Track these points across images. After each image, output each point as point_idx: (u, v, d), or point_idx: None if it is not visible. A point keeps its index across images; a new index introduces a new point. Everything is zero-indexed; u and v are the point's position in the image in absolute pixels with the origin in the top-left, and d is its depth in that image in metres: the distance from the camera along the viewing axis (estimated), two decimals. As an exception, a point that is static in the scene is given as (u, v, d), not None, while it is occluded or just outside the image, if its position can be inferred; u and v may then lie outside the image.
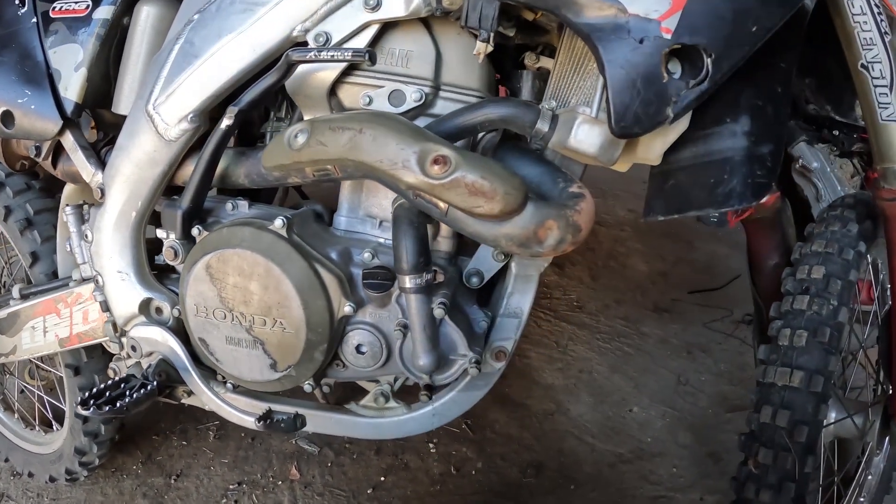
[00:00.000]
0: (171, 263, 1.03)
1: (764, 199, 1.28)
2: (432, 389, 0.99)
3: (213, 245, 0.92)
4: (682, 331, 2.05)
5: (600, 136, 0.77)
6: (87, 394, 0.98)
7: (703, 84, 0.74)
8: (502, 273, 0.99)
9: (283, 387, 0.99)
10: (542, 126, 0.81)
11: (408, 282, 0.83)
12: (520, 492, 1.50)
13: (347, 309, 0.91)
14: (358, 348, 0.94)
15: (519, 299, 0.97)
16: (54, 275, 1.23)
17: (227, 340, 0.96)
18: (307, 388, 1.00)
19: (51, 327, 1.20)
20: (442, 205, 0.75)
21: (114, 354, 1.16)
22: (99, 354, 1.26)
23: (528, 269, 0.97)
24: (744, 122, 0.81)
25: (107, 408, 0.97)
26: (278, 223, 0.89)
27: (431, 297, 0.86)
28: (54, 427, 1.42)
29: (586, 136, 0.77)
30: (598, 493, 1.51)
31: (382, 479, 1.49)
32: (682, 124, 0.81)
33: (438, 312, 0.86)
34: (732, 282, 2.27)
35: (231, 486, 1.45)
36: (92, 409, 0.97)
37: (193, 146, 0.98)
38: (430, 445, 1.58)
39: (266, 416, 0.95)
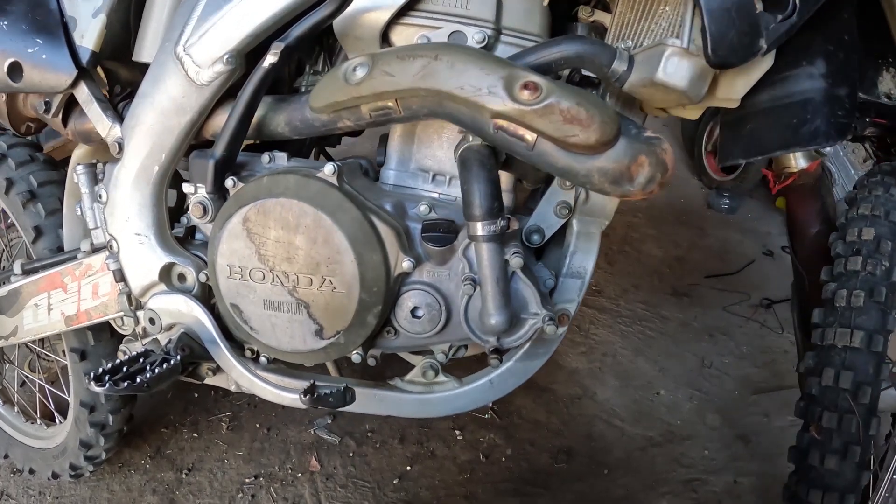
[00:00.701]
0: (197, 222, 0.93)
1: (807, 165, 1.29)
2: (500, 354, 0.91)
3: (251, 196, 0.83)
4: (702, 314, 2.02)
5: (691, 68, 0.72)
6: (101, 369, 0.87)
7: (793, 17, 0.71)
8: (560, 233, 0.93)
9: (328, 357, 0.90)
10: (620, 65, 0.76)
11: (480, 228, 0.75)
12: (550, 478, 1.43)
13: (406, 265, 0.83)
14: (413, 312, 0.86)
15: (582, 258, 0.91)
16: (59, 251, 1.13)
17: (266, 305, 0.87)
18: (356, 357, 0.91)
19: (56, 304, 1.09)
20: (529, 137, 0.68)
21: (123, 336, 1.06)
22: (107, 337, 1.17)
23: (589, 227, 0.91)
24: (820, 65, 0.81)
25: (125, 384, 0.86)
26: (328, 169, 0.81)
27: (504, 248, 0.79)
28: (57, 420, 1.31)
29: (676, 69, 0.71)
30: (630, 478, 1.45)
31: (408, 468, 1.41)
32: (767, 62, 0.78)
33: (516, 262, 0.79)
34: (747, 266, 2.25)
35: (247, 480, 1.36)
36: (108, 384, 0.85)
37: (225, 94, 0.89)
38: (457, 432, 1.50)
39: (311, 390, 0.84)
